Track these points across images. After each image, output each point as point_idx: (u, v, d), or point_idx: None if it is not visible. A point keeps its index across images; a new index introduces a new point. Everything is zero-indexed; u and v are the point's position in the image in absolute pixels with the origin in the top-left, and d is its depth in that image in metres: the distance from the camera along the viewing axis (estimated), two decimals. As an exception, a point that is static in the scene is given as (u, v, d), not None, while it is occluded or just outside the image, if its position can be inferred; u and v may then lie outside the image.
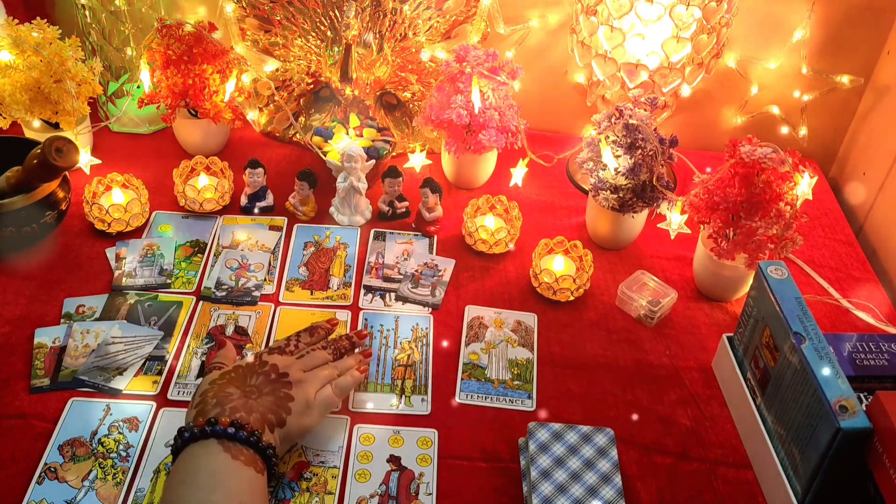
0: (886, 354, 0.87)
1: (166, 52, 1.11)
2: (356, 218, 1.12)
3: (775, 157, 0.93)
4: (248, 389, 0.76)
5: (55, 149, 0.93)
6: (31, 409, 0.85)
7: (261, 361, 0.80)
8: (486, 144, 1.12)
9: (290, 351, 0.83)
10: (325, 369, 0.83)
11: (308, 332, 0.87)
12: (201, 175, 1.14)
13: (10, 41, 1.05)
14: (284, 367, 0.80)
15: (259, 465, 0.71)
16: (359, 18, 1.16)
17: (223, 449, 0.70)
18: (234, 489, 0.68)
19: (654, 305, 1.00)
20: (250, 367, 0.79)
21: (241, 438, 0.71)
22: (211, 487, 0.67)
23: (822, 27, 1.20)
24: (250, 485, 0.70)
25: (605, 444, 0.81)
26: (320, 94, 1.26)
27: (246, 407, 0.74)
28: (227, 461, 0.69)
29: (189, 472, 0.69)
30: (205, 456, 0.70)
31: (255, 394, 0.76)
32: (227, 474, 0.69)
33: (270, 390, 0.77)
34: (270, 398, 0.76)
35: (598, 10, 1.10)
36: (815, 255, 1.15)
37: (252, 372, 0.79)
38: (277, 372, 0.79)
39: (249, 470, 0.70)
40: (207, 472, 0.69)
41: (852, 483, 0.74)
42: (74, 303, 0.97)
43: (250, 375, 0.78)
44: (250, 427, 0.72)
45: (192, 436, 0.71)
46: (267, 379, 0.78)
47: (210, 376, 0.79)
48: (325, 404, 0.81)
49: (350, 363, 0.86)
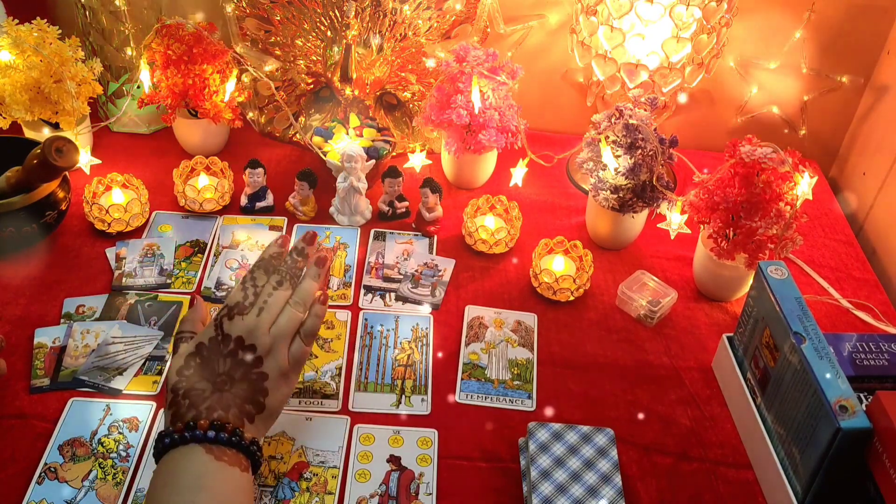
0: (886, 354, 0.87)
1: (166, 52, 1.11)
2: (356, 218, 1.12)
3: (775, 157, 0.93)
4: (219, 380, 0.71)
5: (55, 149, 0.93)
6: (31, 409, 0.85)
7: (223, 335, 0.73)
8: (486, 144, 1.12)
9: (249, 303, 0.75)
10: (287, 315, 0.75)
11: (262, 269, 0.77)
12: (201, 175, 1.14)
13: (10, 41, 1.05)
14: (248, 334, 0.73)
15: (243, 462, 0.69)
16: (359, 18, 1.16)
17: (205, 451, 0.67)
18: (219, 490, 0.67)
19: (654, 305, 1.00)
20: (215, 347, 0.73)
21: (224, 440, 0.68)
22: (195, 489, 0.66)
23: (822, 27, 1.20)
24: (235, 484, 0.68)
25: (605, 444, 0.81)
26: (320, 94, 1.26)
27: (221, 402, 0.70)
28: (210, 462, 0.67)
29: (172, 475, 0.67)
30: (187, 459, 0.67)
31: (227, 383, 0.71)
32: (211, 476, 0.67)
33: (242, 375, 0.72)
34: (244, 385, 0.72)
35: (598, 10, 1.10)
36: (815, 255, 1.15)
37: (217, 354, 0.72)
38: (243, 345, 0.73)
39: (234, 469, 0.68)
40: (191, 474, 0.67)
41: (852, 483, 0.74)
42: (74, 303, 0.97)
43: (217, 359, 0.72)
44: (231, 426, 0.69)
45: (173, 441, 0.68)
46: (234, 360, 0.72)
47: (176, 361, 0.73)
48: (299, 362, 0.76)
49: (310, 288, 0.78)
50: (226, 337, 0.73)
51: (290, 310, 0.76)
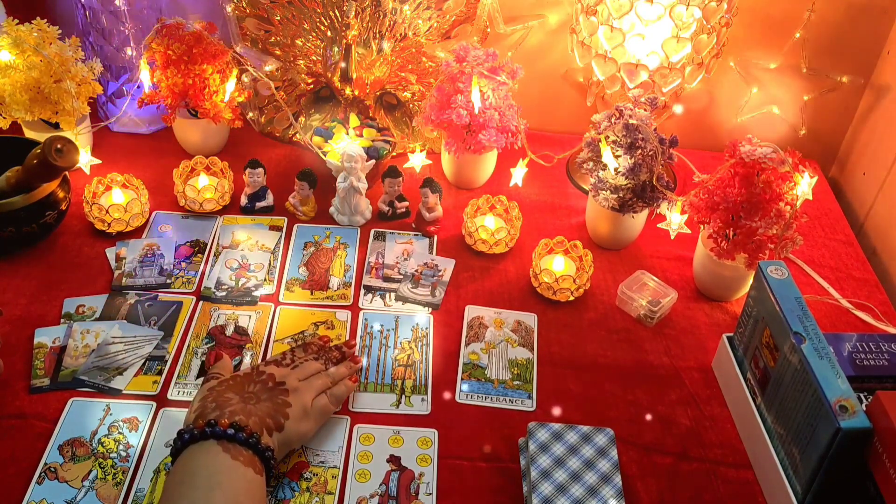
0: (886, 354, 0.87)
1: (166, 52, 1.11)
2: (356, 218, 1.12)
3: (775, 157, 0.93)
4: (247, 395, 0.78)
5: (55, 149, 0.93)
6: (31, 409, 0.85)
7: (258, 371, 0.82)
8: (486, 144, 1.12)
9: (286, 364, 0.85)
10: (319, 378, 0.85)
11: (302, 348, 0.89)
12: (201, 175, 1.14)
13: (10, 41, 1.05)
14: (281, 376, 0.82)
15: (258, 466, 0.72)
16: (359, 18, 1.16)
17: (223, 449, 0.71)
18: (234, 488, 0.69)
19: (654, 305, 1.00)
20: (248, 376, 0.81)
21: (241, 440, 0.72)
22: (210, 486, 0.68)
23: (822, 27, 1.20)
24: (249, 485, 0.70)
25: (605, 444, 0.81)
26: (320, 94, 1.26)
27: (245, 411, 0.75)
28: (226, 461, 0.70)
29: (188, 471, 0.70)
30: (204, 456, 0.70)
31: (253, 399, 0.78)
32: (227, 474, 0.69)
33: (268, 397, 0.79)
34: (268, 404, 0.78)
35: (598, 10, 1.10)
36: (815, 255, 1.15)
37: (250, 380, 0.80)
38: (274, 381, 0.81)
39: (248, 470, 0.70)
40: (207, 471, 0.69)
41: (852, 483, 0.74)
42: (74, 303, 0.97)
43: (248, 383, 0.80)
44: (249, 429, 0.73)
45: (192, 437, 0.71)
46: (264, 387, 0.80)
47: (208, 384, 0.80)
48: (322, 412, 0.83)
49: (343, 372, 0.88)
50: (259, 372, 0.82)
51: (321, 375, 0.85)
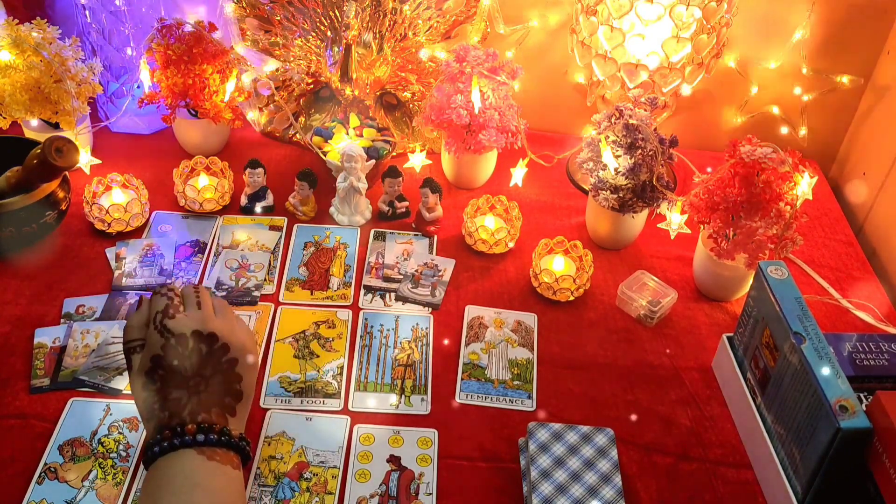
0: (886, 354, 0.87)
1: (166, 52, 1.11)
2: (356, 218, 1.12)
3: (775, 157, 0.93)
4: (192, 384, 0.68)
5: (55, 149, 0.93)
6: (31, 409, 0.85)
7: (176, 336, 0.69)
8: (486, 144, 1.12)
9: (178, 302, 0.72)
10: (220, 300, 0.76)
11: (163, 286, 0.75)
12: (201, 175, 1.14)
13: (10, 41, 1.05)
14: (202, 325, 0.70)
15: (234, 460, 0.68)
16: (359, 18, 1.16)
17: (197, 452, 0.66)
18: (214, 486, 0.66)
19: (654, 305, 1.00)
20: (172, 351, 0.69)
21: (213, 441, 0.67)
22: (190, 488, 0.65)
23: (822, 27, 1.20)
24: (229, 482, 0.67)
25: (605, 444, 0.81)
26: (320, 94, 1.26)
27: (202, 404, 0.68)
28: (203, 463, 0.66)
29: (165, 478, 0.66)
30: (179, 461, 0.66)
31: (201, 384, 0.69)
32: (205, 473, 0.66)
33: (213, 368, 0.69)
34: (218, 378, 0.69)
35: (598, 10, 1.10)
36: (815, 255, 1.15)
37: (181, 357, 0.69)
38: (202, 338, 0.69)
39: (226, 467, 0.67)
40: (184, 475, 0.66)
41: (852, 483, 0.74)
42: (74, 303, 0.97)
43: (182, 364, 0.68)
44: (217, 426, 0.67)
45: (163, 449, 0.66)
46: (201, 357, 0.69)
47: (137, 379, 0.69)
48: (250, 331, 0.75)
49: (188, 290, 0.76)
50: (180, 337, 0.69)
51: (192, 288, 0.75)
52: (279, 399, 0.89)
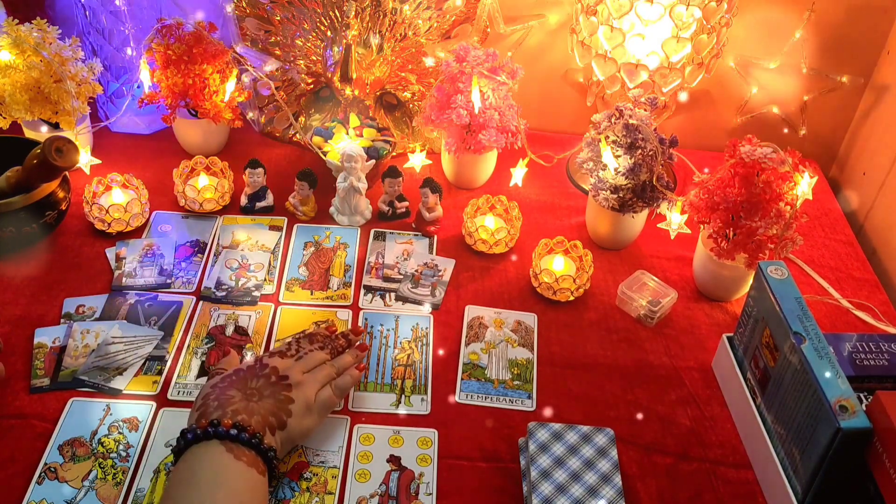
0: (886, 354, 0.87)
1: (166, 52, 1.11)
2: (356, 218, 1.12)
3: (775, 157, 0.93)
4: (249, 392, 0.77)
5: (55, 149, 0.93)
6: (31, 409, 0.85)
7: (261, 364, 0.81)
8: (486, 144, 1.12)
9: (290, 355, 0.83)
10: (323, 369, 0.83)
11: (307, 338, 0.88)
12: (201, 175, 1.14)
13: (10, 41, 1.05)
14: (284, 369, 0.81)
15: (261, 466, 0.72)
16: (359, 18, 1.16)
17: (226, 450, 0.70)
18: (236, 489, 0.69)
19: (654, 305, 1.00)
20: (251, 370, 0.80)
21: (244, 440, 0.71)
22: (213, 487, 0.68)
23: (822, 27, 1.20)
24: (252, 485, 0.70)
25: (605, 444, 0.81)
26: (320, 94, 1.26)
27: (247, 409, 0.75)
28: (229, 461, 0.70)
29: (191, 471, 0.69)
30: (207, 456, 0.70)
31: (255, 396, 0.77)
32: (229, 474, 0.69)
33: (270, 393, 0.78)
34: (271, 401, 0.77)
35: (598, 10, 1.10)
36: (815, 255, 1.15)
37: (252, 375, 0.79)
38: (277, 374, 0.80)
39: (251, 471, 0.70)
40: (210, 471, 0.69)
41: (852, 483, 0.74)
42: (74, 303, 0.97)
43: (251, 378, 0.79)
44: (252, 429, 0.73)
45: (196, 437, 0.71)
46: (267, 382, 0.79)
47: (212, 380, 0.79)
48: (325, 405, 0.82)
49: (348, 360, 0.87)
50: (263, 365, 0.80)
51: (326, 366, 0.84)
52: (279, 399, 0.89)
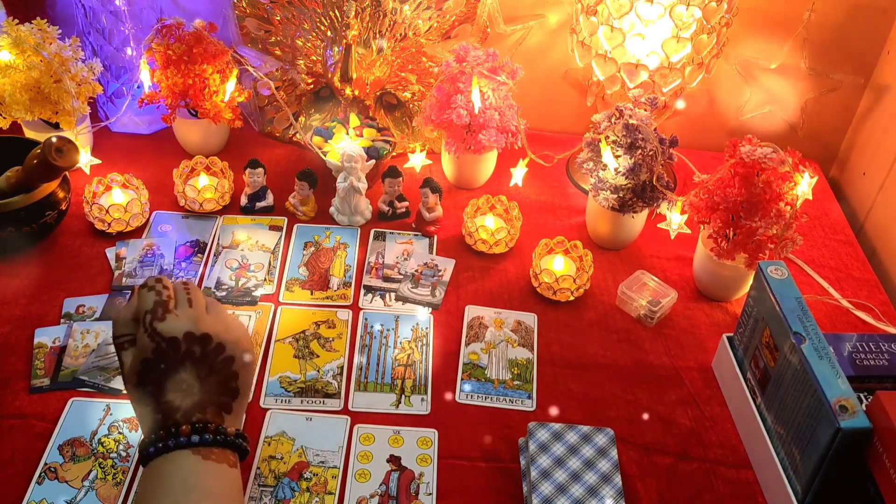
0: (886, 354, 0.87)
1: (166, 52, 1.11)
2: (356, 218, 1.12)
3: (775, 157, 0.93)
4: (186, 386, 0.66)
5: (55, 149, 0.93)
6: (31, 409, 0.85)
7: (168, 340, 0.66)
8: (486, 144, 1.12)
9: (168, 297, 0.68)
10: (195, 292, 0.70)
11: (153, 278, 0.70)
12: (201, 175, 1.14)
13: (10, 41, 1.05)
14: (194, 325, 0.67)
15: (231, 458, 0.66)
16: (359, 18, 1.16)
17: (192, 452, 0.64)
18: (210, 487, 0.64)
19: (654, 305, 1.00)
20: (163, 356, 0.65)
21: (209, 441, 0.65)
22: (186, 489, 0.63)
23: (822, 27, 1.20)
24: (224, 481, 0.66)
25: (605, 444, 0.81)
26: (320, 94, 1.26)
27: (196, 405, 0.66)
28: (198, 462, 0.64)
29: (160, 479, 0.65)
30: (175, 462, 0.65)
31: (195, 385, 0.66)
32: (201, 475, 0.65)
33: (208, 369, 0.67)
34: (213, 378, 0.67)
35: (598, 10, 1.10)
36: (815, 255, 1.15)
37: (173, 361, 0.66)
38: (195, 339, 0.66)
39: (222, 466, 0.65)
40: (179, 476, 0.64)
41: (852, 483, 0.74)
42: (74, 303, 0.97)
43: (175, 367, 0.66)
44: (213, 425, 0.65)
45: (157, 450, 0.65)
46: (194, 360, 0.66)
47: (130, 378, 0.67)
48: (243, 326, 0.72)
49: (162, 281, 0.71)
50: (171, 341, 0.66)
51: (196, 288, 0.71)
52: (279, 399, 0.89)
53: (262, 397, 0.89)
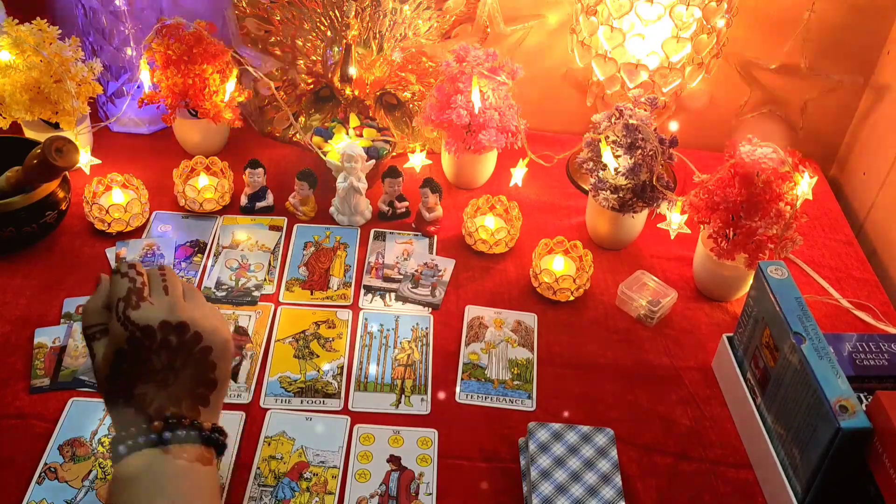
0: (886, 354, 0.87)
1: (166, 52, 1.11)
2: (356, 218, 1.12)
3: (775, 157, 0.93)
4: (160, 378, 0.63)
5: (55, 149, 0.93)
6: (31, 409, 0.85)
7: (142, 329, 0.62)
8: (486, 144, 1.12)
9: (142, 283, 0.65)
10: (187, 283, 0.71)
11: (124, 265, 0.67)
12: (201, 175, 1.14)
13: (10, 41, 1.05)
14: (170, 313, 0.64)
15: (206, 455, 0.63)
16: (359, 18, 1.16)
17: (162, 452, 0.61)
18: (178, 492, 0.61)
19: (654, 305, 1.00)
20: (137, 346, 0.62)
21: (182, 438, 0.62)
22: (150, 497, 0.60)
23: (822, 27, 1.20)
24: (196, 482, 0.62)
25: (605, 444, 0.81)
26: (320, 94, 1.26)
27: (171, 398, 0.63)
28: (168, 464, 0.61)
29: (128, 481, 0.61)
30: (144, 462, 0.61)
31: (171, 376, 0.63)
32: (169, 479, 0.61)
33: (184, 359, 0.63)
34: (189, 370, 0.63)
35: (598, 10, 1.10)
36: (815, 255, 1.15)
37: (147, 351, 0.62)
38: (171, 328, 0.63)
39: (195, 465, 0.62)
40: (149, 479, 0.61)
41: (852, 483, 0.74)
42: (74, 303, 0.97)
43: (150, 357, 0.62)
44: (187, 420, 0.62)
45: (128, 448, 0.61)
46: (171, 349, 0.63)
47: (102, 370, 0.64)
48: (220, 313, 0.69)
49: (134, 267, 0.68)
50: (145, 329, 0.62)
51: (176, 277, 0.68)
52: (279, 399, 0.89)
53: (262, 397, 0.89)
